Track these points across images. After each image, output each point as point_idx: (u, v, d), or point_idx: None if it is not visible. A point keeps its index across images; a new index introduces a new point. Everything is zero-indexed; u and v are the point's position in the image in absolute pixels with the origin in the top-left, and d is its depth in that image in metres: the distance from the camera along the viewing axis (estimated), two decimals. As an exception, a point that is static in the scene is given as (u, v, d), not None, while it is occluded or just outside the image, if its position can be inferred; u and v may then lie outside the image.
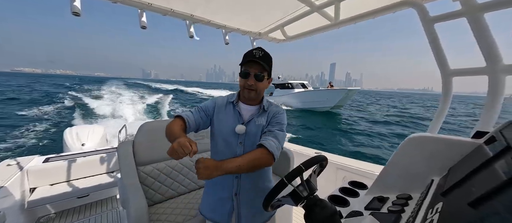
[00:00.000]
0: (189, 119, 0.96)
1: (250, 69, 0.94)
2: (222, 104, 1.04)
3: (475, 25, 1.12)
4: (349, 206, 1.00)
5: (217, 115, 1.02)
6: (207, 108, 1.02)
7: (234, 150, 0.98)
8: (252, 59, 0.92)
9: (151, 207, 1.62)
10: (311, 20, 1.88)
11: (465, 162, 0.76)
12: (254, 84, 0.95)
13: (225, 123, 1.00)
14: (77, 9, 1.40)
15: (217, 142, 1.02)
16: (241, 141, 0.98)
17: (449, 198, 0.58)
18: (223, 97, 1.07)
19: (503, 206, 0.38)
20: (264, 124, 1.01)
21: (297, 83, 22.57)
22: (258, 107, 1.04)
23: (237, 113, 1.01)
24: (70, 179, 2.42)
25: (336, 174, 2.14)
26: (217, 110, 1.03)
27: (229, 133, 0.98)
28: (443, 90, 1.36)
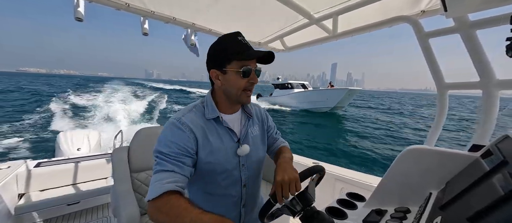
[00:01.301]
0: (183, 188, 0.64)
1: (251, 64, 0.71)
2: (202, 127, 0.73)
3: (468, 41, 1.16)
4: (347, 219, 0.98)
5: (205, 147, 0.72)
6: (185, 147, 0.68)
7: (237, 178, 0.79)
8: (257, 56, 0.71)
9: (143, 216, 1.57)
10: (310, 32, 1.92)
11: (463, 176, 0.76)
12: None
13: (221, 150, 0.74)
14: (80, 15, 1.42)
15: (209, 180, 0.76)
16: (243, 163, 0.79)
17: (448, 212, 0.58)
18: (191, 117, 0.73)
19: (501, 221, 0.37)
20: (259, 134, 0.87)
21: (297, 83, 22.50)
22: (241, 113, 0.83)
23: (227, 130, 0.77)
24: (61, 185, 2.35)
25: (334, 185, 2.12)
26: (202, 139, 0.72)
27: (228, 160, 0.75)
28: (438, 103, 1.38)
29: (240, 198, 0.82)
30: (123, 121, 11.19)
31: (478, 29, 1.13)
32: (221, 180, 0.76)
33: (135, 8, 1.61)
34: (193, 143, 0.70)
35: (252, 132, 0.84)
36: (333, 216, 0.97)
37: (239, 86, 0.72)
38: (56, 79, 74.67)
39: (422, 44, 1.35)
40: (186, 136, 0.69)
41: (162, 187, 0.60)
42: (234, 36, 0.72)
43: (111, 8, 1.58)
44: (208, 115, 0.75)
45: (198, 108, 0.77)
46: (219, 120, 0.76)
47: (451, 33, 1.23)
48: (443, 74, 1.34)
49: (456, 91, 1.36)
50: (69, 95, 20.65)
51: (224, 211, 0.78)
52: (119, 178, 1.53)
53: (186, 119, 0.72)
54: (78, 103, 16.03)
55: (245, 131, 0.81)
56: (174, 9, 1.71)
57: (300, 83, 22.70)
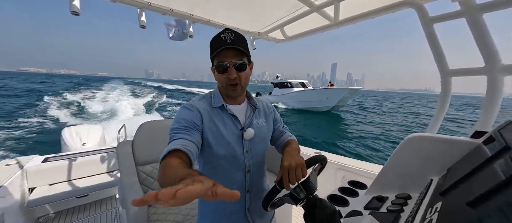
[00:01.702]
0: (189, 151, 0.63)
1: (227, 58, 0.73)
2: (207, 110, 0.79)
3: (474, 26, 1.12)
4: (349, 206, 1.00)
5: (210, 128, 0.77)
6: (192, 120, 0.73)
7: (241, 164, 0.82)
8: (226, 47, 0.71)
9: (150, 207, 1.62)
10: (310, 20, 1.88)
11: (464, 162, 0.76)
12: (237, 76, 0.75)
13: (226, 136, 0.78)
14: (76, 8, 1.39)
15: (217, 163, 0.79)
16: (247, 150, 0.83)
17: (448, 197, 0.58)
18: (200, 103, 0.80)
19: (501, 205, 0.38)
20: (265, 125, 0.90)
21: (296, 82, 22.21)
22: (247, 105, 0.88)
23: (231, 117, 0.82)
24: (69, 179, 2.42)
25: (336, 174, 2.15)
26: (207, 121, 0.77)
27: (231, 145, 0.79)
28: (442, 90, 1.37)
29: (244, 184, 0.84)
30: (123, 116, 11.33)
31: (485, 13, 1.09)
32: (226, 164, 0.80)
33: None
34: (199, 120, 0.75)
35: (258, 122, 0.88)
36: (335, 204, 0.99)
37: (221, 81, 0.78)
38: (56, 79, 74.78)
39: (426, 30, 1.32)
40: (193, 114, 0.76)
41: (169, 147, 0.63)
42: (219, 34, 0.74)
43: (107, 2, 1.55)
44: (214, 103, 0.82)
45: (206, 98, 0.85)
46: (224, 108, 0.82)
47: (456, 17, 1.20)
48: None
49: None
50: (69, 93, 20.83)
51: (232, 178, 0.82)
52: (125, 171, 1.57)
53: (195, 103, 0.80)
54: (77, 100, 16.32)
55: (249, 121, 0.85)
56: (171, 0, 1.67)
57: (299, 81, 22.40)
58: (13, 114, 11.54)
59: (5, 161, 2.21)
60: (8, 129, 8.63)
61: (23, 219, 2.01)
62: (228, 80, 0.75)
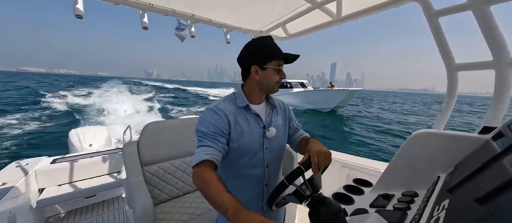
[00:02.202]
0: (217, 161, 0.77)
1: (281, 62, 0.88)
2: (234, 113, 0.86)
3: (481, 18, 1.09)
4: (354, 204, 1.00)
5: (235, 128, 0.84)
6: (219, 127, 0.81)
7: (261, 159, 0.89)
8: (289, 60, 0.87)
9: (156, 206, 1.64)
10: (312, 17, 1.86)
11: (472, 158, 0.74)
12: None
13: (249, 134, 0.86)
14: (79, 11, 1.41)
15: (237, 159, 0.87)
16: (267, 147, 0.90)
17: (456, 194, 0.57)
18: (225, 104, 0.88)
19: (511, 202, 0.37)
20: (282, 123, 0.97)
21: (296, 82, 22.03)
22: (266, 105, 0.96)
23: (254, 116, 0.90)
24: (77, 179, 2.47)
25: (340, 172, 2.14)
26: (233, 124, 0.84)
27: (254, 142, 0.87)
28: (448, 85, 1.34)
29: (262, 178, 0.91)
30: (124, 116, 11.50)
31: (493, 5, 1.06)
32: (248, 160, 0.87)
33: (133, 1, 1.59)
34: (226, 125, 0.83)
35: (276, 120, 0.95)
36: (340, 202, 0.99)
37: (275, 80, 0.87)
38: (55, 78, 75.75)
39: (431, 24, 1.29)
40: (221, 118, 0.82)
41: (200, 157, 0.75)
42: (270, 39, 0.87)
43: (110, 4, 1.56)
44: (239, 103, 0.88)
45: (230, 98, 0.91)
46: (248, 108, 0.89)
47: (463, 10, 1.17)
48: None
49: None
50: (71, 93, 21.19)
51: (248, 189, 0.89)
52: (131, 171, 1.59)
53: (221, 106, 0.86)
54: (80, 101, 16.53)
55: (270, 119, 0.93)
56: (172, 0, 1.68)
57: (299, 82, 22.18)
58: (16, 114, 11.77)
59: (16, 163, 2.27)
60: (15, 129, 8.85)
61: (34, 219, 2.06)
62: (280, 79, 0.88)
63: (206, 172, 0.71)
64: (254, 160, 0.88)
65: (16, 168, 2.16)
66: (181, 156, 1.87)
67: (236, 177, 0.89)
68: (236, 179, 0.89)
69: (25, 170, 2.13)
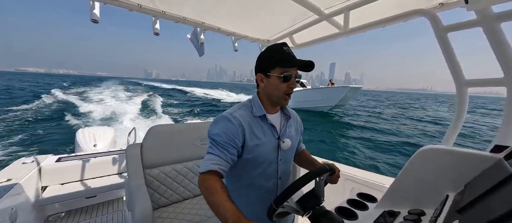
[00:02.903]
0: (223, 171, 0.77)
1: (291, 70, 0.82)
2: (249, 122, 0.84)
3: (492, 35, 1.08)
4: (358, 220, 0.96)
5: (251, 139, 0.82)
6: (233, 139, 0.79)
7: (275, 170, 0.89)
8: (299, 66, 0.81)
9: (155, 211, 1.63)
10: (320, 28, 1.88)
11: (483, 178, 0.71)
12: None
13: (265, 145, 0.85)
14: (96, 16, 1.48)
15: (251, 170, 0.85)
16: (281, 158, 0.90)
17: (466, 216, 0.55)
18: (241, 113, 0.85)
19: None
20: (294, 135, 0.97)
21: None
22: (281, 114, 0.95)
23: (270, 127, 0.87)
24: (79, 179, 2.49)
25: (344, 185, 2.08)
26: (249, 133, 0.82)
27: (269, 153, 0.86)
28: (457, 101, 1.31)
29: (275, 189, 0.91)
30: (126, 118, 11.65)
31: (503, 22, 1.05)
32: (262, 171, 0.86)
33: (147, 8, 1.65)
34: (240, 136, 0.80)
35: (290, 131, 0.95)
36: (343, 217, 0.96)
37: (280, 89, 0.82)
38: (57, 78, 77.98)
39: (440, 39, 1.29)
40: (235, 128, 0.80)
41: (208, 166, 0.75)
42: (280, 46, 0.82)
43: (124, 10, 1.63)
44: (256, 113, 0.86)
45: (246, 106, 0.89)
46: (265, 117, 0.87)
47: (472, 27, 1.16)
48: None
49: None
50: (73, 93, 21.80)
51: (260, 199, 0.88)
52: (132, 174, 1.59)
53: (237, 114, 0.84)
54: (82, 102, 16.83)
55: (284, 130, 0.91)
56: (184, 8, 1.74)
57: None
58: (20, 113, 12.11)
59: (22, 160, 2.32)
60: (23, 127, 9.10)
61: (35, 217, 2.07)
62: (288, 89, 0.83)
63: (211, 180, 0.72)
64: (268, 171, 0.87)
65: (21, 165, 2.20)
66: (183, 161, 1.87)
67: (249, 187, 0.88)
68: (248, 189, 0.88)
69: (30, 167, 2.17)
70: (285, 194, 0.72)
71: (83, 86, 34.04)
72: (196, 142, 1.94)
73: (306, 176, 0.73)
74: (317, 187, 0.76)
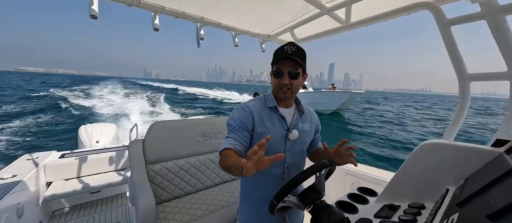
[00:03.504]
0: (238, 150, 0.83)
1: (283, 66, 0.86)
2: (259, 111, 0.92)
3: (496, 28, 1.06)
4: (358, 213, 0.97)
5: (259, 126, 0.90)
6: (244, 123, 0.88)
7: (282, 160, 0.92)
8: (285, 56, 0.84)
9: (159, 205, 1.65)
10: (321, 22, 1.86)
11: (484, 172, 0.72)
12: (289, 83, 0.87)
13: (272, 131, 0.90)
14: (94, 12, 1.47)
15: None
16: (289, 149, 0.93)
17: (466, 209, 0.55)
18: (255, 103, 0.95)
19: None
20: (308, 130, 0.99)
21: None
22: (295, 110, 0.99)
23: (279, 118, 0.93)
24: (83, 175, 2.52)
25: (345, 180, 2.09)
26: (258, 119, 0.90)
27: (277, 142, 0.91)
28: (460, 95, 1.30)
29: (282, 178, 0.94)
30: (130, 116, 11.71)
31: (508, 14, 1.03)
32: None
33: (146, 3, 1.63)
34: (250, 121, 0.89)
35: (303, 126, 0.97)
36: (344, 210, 0.97)
37: (274, 84, 0.91)
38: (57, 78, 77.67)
39: (443, 33, 1.27)
40: (246, 115, 0.90)
41: (224, 146, 0.83)
42: (283, 46, 0.88)
43: (123, 5, 1.62)
44: (268, 104, 0.94)
45: (260, 99, 0.98)
46: (275, 109, 0.93)
47: (476, 20, 1.14)
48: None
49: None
50: (75, 92, 21.82)
51: (267, 185, 0.93)
52: (135, 169, 1.61)
53: (250, 104, 0.94)
54: (83, 102, 16.91)
55: (295, 123, 0.95)
56: (183, 3, 1.72)
57: None
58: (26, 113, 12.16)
59: (26, 156, 2.35)
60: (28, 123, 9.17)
61: (40, 212, 2.11)
62: (280, 84, 0.88)
63: (226, 152, 0.80)
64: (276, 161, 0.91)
65: (26, 161, 2.23)
66: (185, 156, 1.88)
67: (256, 175, 0.92)
68: (257, 173, 0.91)
69: (35, 163, 2.20)
70: (285, 189, 0.73)
71: (84, 85, 34.12)
72: (197, 138, 1.96)
73: (306, 171, 0.73)
74: (317, 182, 0.77)
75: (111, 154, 2.70)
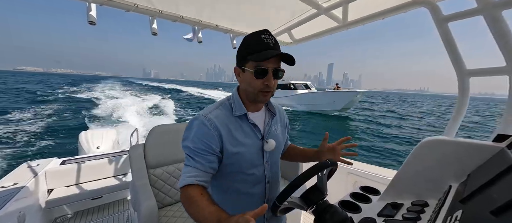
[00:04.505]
0: (203, 182, 0.68)
1: (268, 64, 0.68)
2: (226, 123, 0.74)
3: (493, 23, 1.07)
4: (361, 212, 0.97)
5: (230, 144, 0.73)
6: (209, 144, 0.70)
7: (261, 175, 0.80)
8: (269, 49, 0.68)
9: (161, 210, 1.65)
10: (318, 22, 1.86)
11: (486, 168, 0.71)
12: (274, 83, 0.71)
13: (247, 148, 0.75)
14: (93, 18, 1.47)
15: (234, 177, 0.77)
16: (267, 160, 0.80)
17: (469, 205, 0.55)
18: (217, 113, 0.74)
19: (530, 215, 0.35)
20: (280, 134, 0.88)
21: (300, 83, 21.62)
22: (265, 111, 0.85)
23: (252, 127, 0.78)
24: (84, 181, 2.51)
25: (347, 179, 2.09)
26: (226, 136, 0.72)
27: (252, 157, 0.77)
28: (459, 91, 1.30)
29: (264, 195, 0.83)
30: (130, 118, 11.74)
31: (505, 9, 1.04)
32: (246, 177, 0.77)
33: (143, 8, 1.64)
34: (217, 141, 0.71)
35: (276, 130, 0.85)
36: (347, 210, 0.96)
37: (255, 86, 0.71)
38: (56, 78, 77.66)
39: (440, 29, 1.27)
40: (211, 133, 0.70)
41: (184, 180, 0.67)
42: (258, 34, 0.70)
43: (121, 10, 1.62)
44: (236, 112, 0.76)
45: (224, 105, 0.78)
46: (245, 117, 0.77)
47: (473, 15, 1.14)
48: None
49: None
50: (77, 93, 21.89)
51: (249, 206, 0.79)
52: (136, 174, 1.61)
53: (212, 115, 0.73)
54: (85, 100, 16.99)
55: (268, 129, 0.82)
56: (180, 7, 1.72)
57: (302, 83, 21.80)
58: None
59: (27, 163, 2.34)
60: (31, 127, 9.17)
61: (42, 219, 2.10)
62: (264, 86, 0.70)
63: (189, 192, 0.65)
64: (253, 177, 0.78)
65: (27, 169, 2.22)
66: None
67: (234, 194, 0.80)
68: (234, 197, 0.80)
69: (35, 170, 2.19)
70: (288, 190, 0.73)
71: (83, 84, 34.16)
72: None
73: (308, 172, 0.73)
74: (320, 182, 0.77)
75: (111, 159, 2.70)
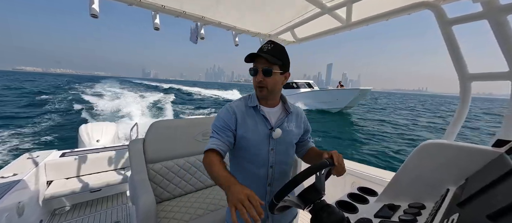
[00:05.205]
0: (222, 150, 0.86)
1: (257, 64, 0.87)
2: (242, 111, 0.93)
3: (497, 28, 1.06)
4: (358, 213, 0.97)
5: (242, 126, 0.90)
6: (227, 123, 0.89)
7: (266, 159, 0.92)
8: (259, 54, 0.85)
9: (159, 204, 1.66)
10: (322, 21, 1.86)
11: (485, 172, 0.72)
12: (263, 80, 0.87)
13: (255, 131, 0.91)
14: (95, 11, 1.46)
15: (244, 156, 0.93)
16: (273, 148, 0.93)
17: (466, 209, 0.55)
18: (238, 103, 0.95)
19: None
20: (294, 130, 0.98)
21: (302, 82, 21.69)
22: (281, 109, 0.98)
23: (263, 117, 0.93)
24: (84, 173, 2.53)
25: (345, 179, 2.09)
26: (241, 120, 0.91)
27: (260, 141, 0.91)
28: (461, 95, 1.30)
29: (266, 177, 0.94)
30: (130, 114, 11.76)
31: (509, 14, 1.03)
32: (252, 157, 0.92)
33: (146, 3, 1.63)
34: (234, 122, 0.90)
35: (288, 126, 0.97)
36: (344, 210, 0.97)
37: (254, 82, 0.91)
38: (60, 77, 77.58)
39: (444, 32, 1.26)
40: (229, 116, 0.91)
41: (208, 146, 0.87)
42: (262, 45, 0.89)
43: (124, 4, 1.61)
44: (250, 103, 0.94)
45: (244, 98, 0.98)
46: (257, 108, 0.93)
47: (477, 19, 1.14)
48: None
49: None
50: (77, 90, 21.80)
51: (252, 185, 0.90)
52: (135, 168, 1.62)
53: (234, 104, 0.95)
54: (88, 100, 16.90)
55: (280, 123, 0.94)
56: (184, 2, 1.71)
57: (305, 82, 21.82)
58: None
59: (26, 155, 2.35)
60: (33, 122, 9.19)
61: (41, 211, 2.12)
62: (257, 82, 0.88)
63: (210, 156, 0.83)
64: (259, 159, 0.92)
65: (27, 160, 2.23)
66: (185, 156, 1.89)
67: (242, 171, 0.95)
68: (242, 173, 0.94)
69: (35, 162, 2.20)
70: (286, 188, 0.73)
71: (83, 83, 34.18)
72: (198, 137, 1.96)
73: (306, 171, 0.73)
74: (317, 181, 0.77)
75: (111, 153, 2.70)
